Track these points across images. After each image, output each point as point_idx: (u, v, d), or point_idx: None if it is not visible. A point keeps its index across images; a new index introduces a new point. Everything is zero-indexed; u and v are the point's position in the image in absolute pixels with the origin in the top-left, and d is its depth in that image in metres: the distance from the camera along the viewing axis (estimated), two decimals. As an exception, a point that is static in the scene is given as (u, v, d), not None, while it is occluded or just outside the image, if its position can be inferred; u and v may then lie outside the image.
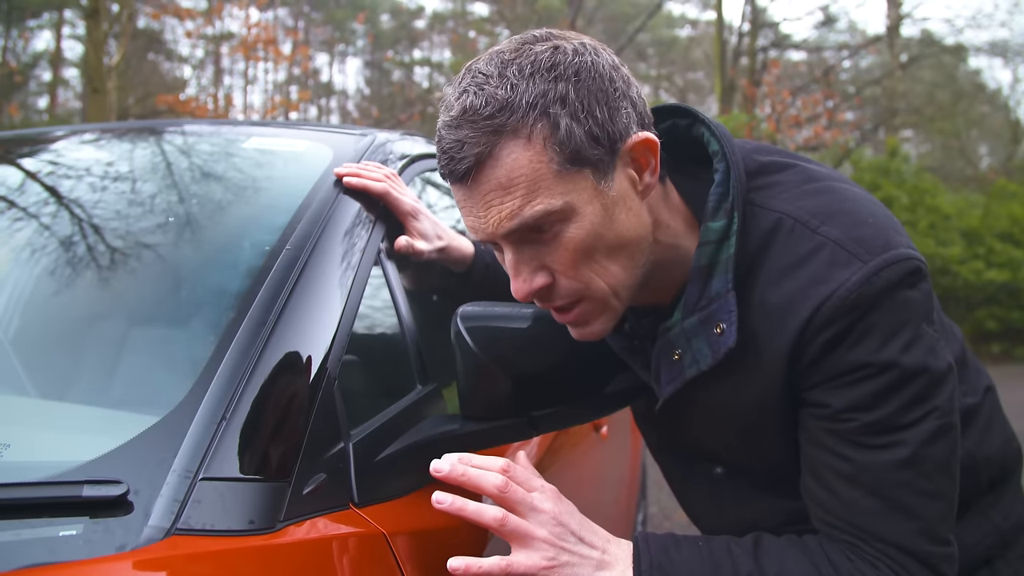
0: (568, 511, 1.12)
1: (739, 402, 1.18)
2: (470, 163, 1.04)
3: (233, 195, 1.52)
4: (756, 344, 1.13)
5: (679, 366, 1.17)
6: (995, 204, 17.58)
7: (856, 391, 1.08)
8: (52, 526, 0.87)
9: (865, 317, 1.07)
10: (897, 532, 1.09)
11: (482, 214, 1.08)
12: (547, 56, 1.05)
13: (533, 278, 1.11)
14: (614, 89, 1.07)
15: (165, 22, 21.19)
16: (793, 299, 1.09)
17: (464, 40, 26.53)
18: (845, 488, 1.11)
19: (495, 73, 1.05)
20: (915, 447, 1.08)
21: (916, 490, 1.09)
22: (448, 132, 1.06)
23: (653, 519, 4.94)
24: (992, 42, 23.61)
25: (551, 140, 1.03)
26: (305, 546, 0.97)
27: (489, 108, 1.03)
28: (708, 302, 1.13)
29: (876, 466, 1.09)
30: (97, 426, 1.08)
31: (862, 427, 1.09)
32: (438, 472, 1.10)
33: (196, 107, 16.83)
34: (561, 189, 1.05)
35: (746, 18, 20.78)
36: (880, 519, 1.09)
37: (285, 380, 1.08)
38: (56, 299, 1.34)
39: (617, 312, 1.17)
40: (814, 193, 1.16)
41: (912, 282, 1.09)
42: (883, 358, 1.07)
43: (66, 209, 1.47)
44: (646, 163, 1.11)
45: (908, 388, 1.07)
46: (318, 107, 31.10)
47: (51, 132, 1.92)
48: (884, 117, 21.17)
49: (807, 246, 1.11)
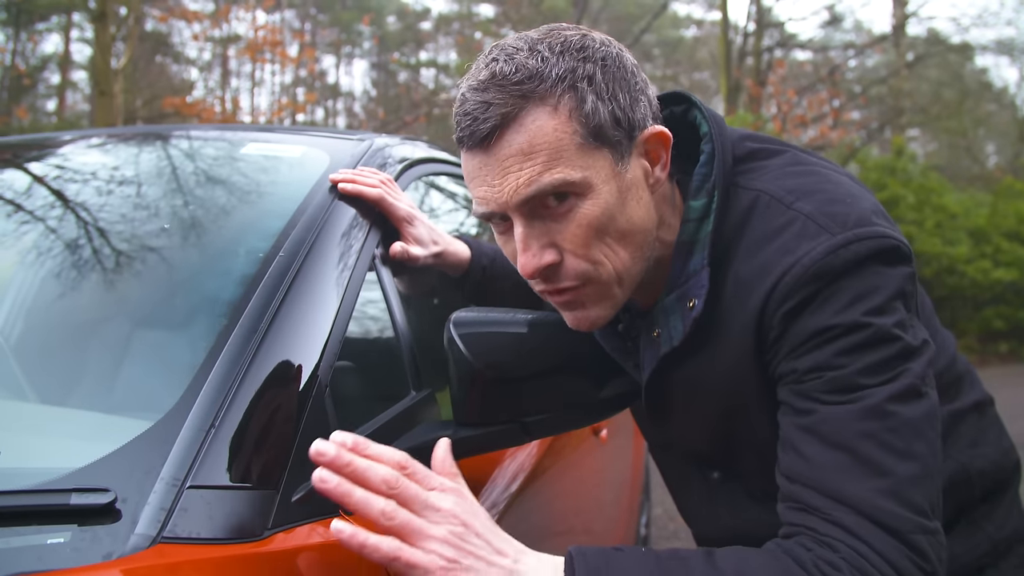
0: (472, 511, 0.98)
1: (714, 378, 1.17)
2: (495, 122, 1.05)
3: (228, 201, 1.52)
4: (728, 317, 1.13)
5: (656, 344, 1.18)
6: (1002, 203, 17.50)
7: (821, 352, 1.05)
8: (41, 534, 0.87)
9: (829, 286, 1.04)
10: (860, 490, 0.99)
11: (498, 181, 1.07)
12: (577, 39, 1.08)
13: (543, 253, 1.10)
14: (636, 81, 1.11)
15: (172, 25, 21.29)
16: (760, 270, 1.09)
17: (470, 41, 26.55)
18: (806, 443, 1.04)
19: (525, 47, 1.07)
20: (882, 399, 1.02)
21: (882, 443, 1.01)
22: (473, 94, 1.06)
23: (658, 520, 4.93)
24: (998, 40, 23.59)
25: (576, 112, 1.05)
26: (292, 554, 0.97)
27: (519, 75, 1.04)
28: (686, 279, 1.15)
29: (839, 416, 1.02)
30: (87, 433, 1.09)
31: (826, 382, 1.04)
32: (320, 456, 0.93)
33: (203, 109, 16.85)
34: (581, 163, 1.06)
35: (751, 18, 20.77)
36: (843, 475, 1.01)
37: (275, 388, 1.08)
38: (48, 305, 1.34)
39: (617, 301, 1.16)
40: (797, 175, 1.16)
41: (886, 259, 1.06)
42: (848, 318, 1.03)
43: (59, 216, 1.48)
44: (658, 157, 1.14)
45: (875, 350, 1.03)
46: (325, 109, 31.14)
47: (46, 138, 1.93)
48: (890, 116, 21.14)
49: (780, 220, 1.11)
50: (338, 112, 32.16)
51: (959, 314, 15.96)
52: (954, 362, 1.37)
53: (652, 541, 4.55)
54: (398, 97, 26.53)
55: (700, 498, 1.41)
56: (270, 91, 29.66)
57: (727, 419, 1.23)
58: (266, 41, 18.24)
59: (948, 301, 15.77)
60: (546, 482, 1.78)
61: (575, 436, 2.15)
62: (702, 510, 1.42)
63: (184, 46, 24.91)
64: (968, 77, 25.62)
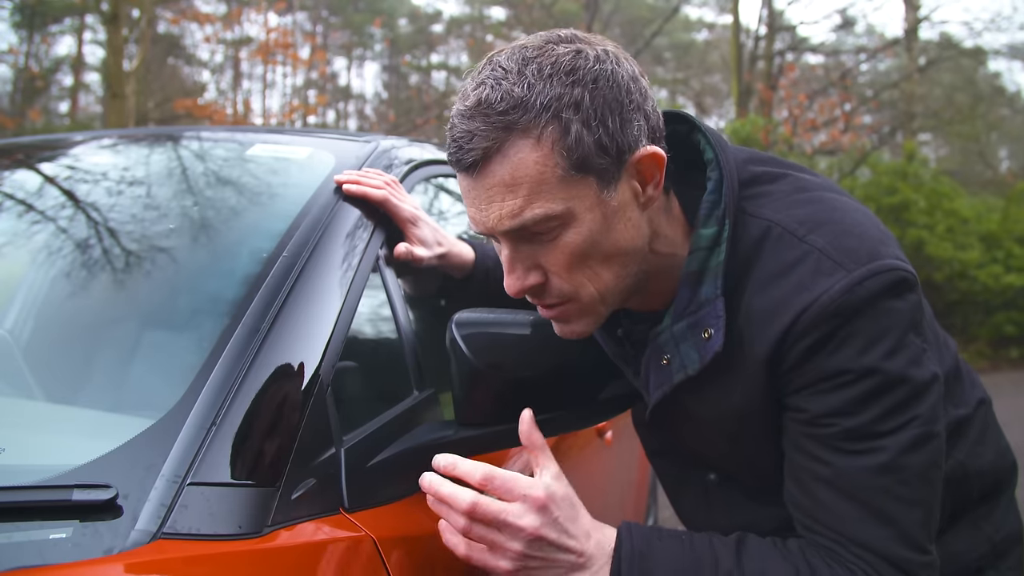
0: (549, 522, 1.10)
1: (726, 407, 1.19)
2: (477, 156, 1.06)
3: (234, 202, 1.53)
4: (741, 350, 1.13)
5: (667, 371, 1.18)
6: (1014, 208, 17.41)
7: (836, 397, 1.09)
8: (43, 529, 0.88)
9: (846, 324, 1.07)
10: (875, 537, 1.09)
11: (484, 207, 1.10)
12: (568, 59, 1.06)
13: (527, 276, 1.14)
14: (630, 100, 1.09)
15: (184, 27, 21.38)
16: (777, 305, 1.10)
17: (481, 44, 26.57)
18: (824, 493, 1.11)
19: (515, 70, 1.06)
20: (894, 454, 1.08)
21: (895, 496, 1.09)
22: (460, 121, 1.08)
23: (666, 524, 4.92)
24: (1011, 45, 23.43)
25: (560, 144, 1.05)
26: (293, 551, 0.98)
27: (503, 104, 1.04)
28: (697, 307, 1.15)
29: (855, 471, 1.09)
30: (90, 430, 1.10)
31: (841, 432, 1.09)
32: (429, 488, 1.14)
33: (214, 111, 16.92)
34: (563, 194, 1.07)
35: (763, 21, 20.75)
36: (858, 524, 1.09)
37: (276, 387, 1.09)
38: (52, 304, 1.36)
39: (601, 316, 1.19)
40: (804, 203, 1.17)
41: (897, 292, 1.09)
42: (863, 364, 1.07)
43: (62, 216, 1.49)
44: (651, 176, 1.13)
45: (889, 395, 1.08)
46: (336, 111, 31.24)
47: (57, 139, 1.95)
48: (902, 120, 21.05)
49: (794, 254, 1.11)
50: (349, 114, 32.24)
51: (970, 319, 15.88)
52: (956, 364, 1.39)
53: (659, 544, 4.54)
54: (409, 100, 26.59)
55: (697, 499, 1.41)
56: (281, 93, 29.76)
57: (732, 438, 1.24)
58: (278, 43, 18.34)
59: (959, 306, 15.70)
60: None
61: (580, 438, 2.15)
62: (699, 512, 1.42)
63: (196, 48, 25.04)
64: (981, 81, 25.47)
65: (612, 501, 2.71)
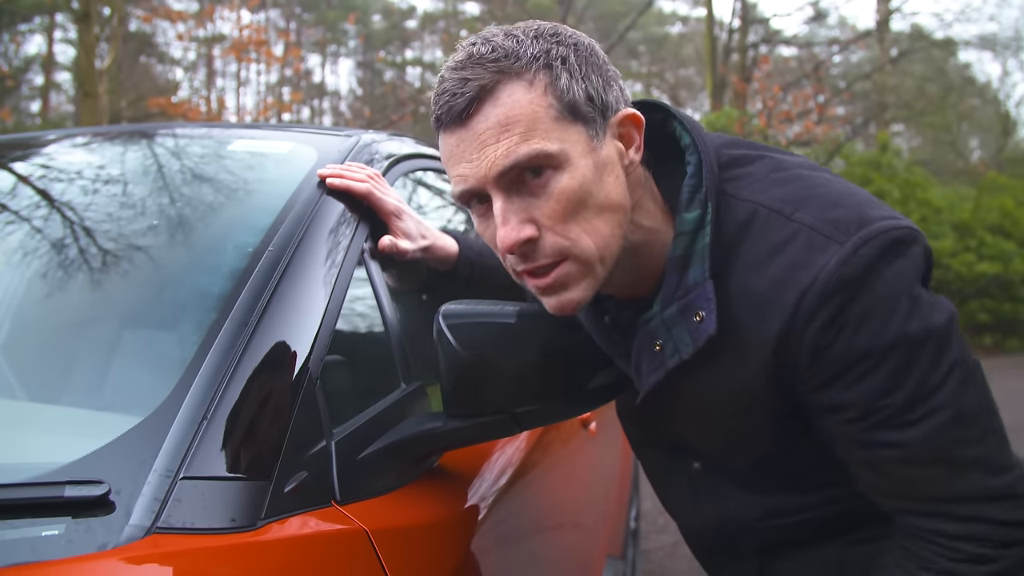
0: None
1: (721, 390, 1.19)
2: (472, 95, 1.07)
3: (217, 197, 1.53)
4: (737, 332, 1.13)
5: (660, 356, 1.18)
6: (986, 197, 17.63)
7: (872, 380, 1.08)
8: (35, 526, 0.88)
9: (853, 301, 1.06)
10: (968, 484, 1.10)
11: (476, 156, 1.09)
12: (550, 27, 1.14)
13: (521, 228, 1.10)
14: (608, 68, 1.15)
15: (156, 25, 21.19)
16: (774, 284, 1.10)
17: (455, 40, 26.44)
18: (906, 471, 1.12)
19: (501, 33, 1.12)
20: (952, 407, 1.08)
21: (969, 440, 1.10)
22: (451, 73, 1.10)
23: (648, 514, 4.95)
24: (981, 36, 23.73)
25: (551, 87, 1.08)
26: (286, 544, 0.98)
27: (495, 54, 1.08)
28: (686, 291, 1.14)
29: (924, 439, 1.09)
30: (80, 427, 1.09)
31: (896, 410, 1.08)
32: None
33: (188, 110, 16.79)
34: (557, 135, 1.08)
35: (736, 14, 20.88)
36: (952, 481, 1.11)
37: (266, 380, 1.09)
38: (38, 301, 1.35)
39: (598, 279, 1.15)
40: (784, 182, 1.17)
41: (897, 251, 1.08)
42: (886, 338, 1.06)
43: (48, 212, 1.48)
44: (631, 139, 1.15)
45: (922, 354, 1.07)
46: (311, 108, 31.06)
47: (30, 138, 1.93)
48: (875, 111, 21.24)
49: (783, 233, 1.11)
50: (324, 111, 32.10)
51: (944, 307, 16.04)
52: None
53: (642, 535, 4.57)
54: (384, 96, 26.52)
55: (682, 489, 1.42)
56: (256, 91, 29.60)
57: (724, 422, 1.24)
58: (251, 40, 18.17)
59: (934, 294, 15.85)
60: (535, 476, 1.79)
61: (564, 430, 2.16)
62: (685, 502, 1.43)
63: (169, 46, 24.80)
64: (952, 72, 25.71)
65: (596, 493, 2.72)
